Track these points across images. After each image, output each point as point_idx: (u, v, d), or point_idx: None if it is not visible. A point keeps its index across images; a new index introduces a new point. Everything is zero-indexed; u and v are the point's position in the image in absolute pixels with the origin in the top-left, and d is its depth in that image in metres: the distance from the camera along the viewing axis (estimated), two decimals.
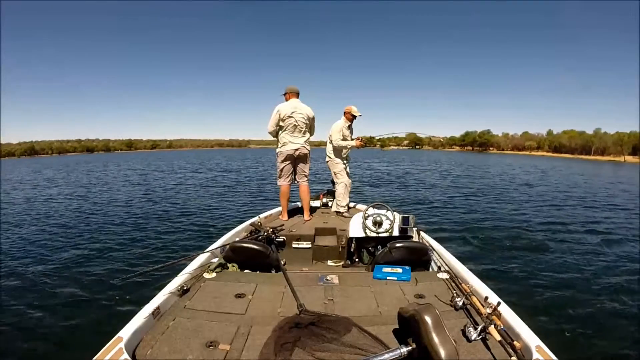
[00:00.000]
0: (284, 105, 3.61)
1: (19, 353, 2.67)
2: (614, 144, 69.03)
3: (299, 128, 3.63)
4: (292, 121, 3.58)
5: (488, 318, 1.47)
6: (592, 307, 3.39)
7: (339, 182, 4.06)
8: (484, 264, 4.50)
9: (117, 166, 30.19)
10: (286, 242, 3.10)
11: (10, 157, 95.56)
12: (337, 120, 4.10)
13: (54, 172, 25.15)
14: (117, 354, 1.24)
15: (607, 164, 45.30)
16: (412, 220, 2.93)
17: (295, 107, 3.60)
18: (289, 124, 3.59)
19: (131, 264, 4.55)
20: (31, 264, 4.61)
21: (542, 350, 1.31)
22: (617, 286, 3.87)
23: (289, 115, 3.57)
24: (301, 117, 3.61)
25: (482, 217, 7.62)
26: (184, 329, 1.51)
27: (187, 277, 2.02)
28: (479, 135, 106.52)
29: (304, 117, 3.62)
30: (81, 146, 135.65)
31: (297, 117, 3.58)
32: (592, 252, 5.15)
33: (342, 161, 4.13)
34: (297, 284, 1.98)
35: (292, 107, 3.59)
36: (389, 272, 2.18)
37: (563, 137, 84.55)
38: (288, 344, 1.37)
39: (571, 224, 7.06)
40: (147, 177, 19.14)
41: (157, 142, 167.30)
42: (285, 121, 3.59)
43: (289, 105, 3.61)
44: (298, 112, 3.60)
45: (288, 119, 3.57)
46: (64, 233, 6.40)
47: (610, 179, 20.16)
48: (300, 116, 3.60)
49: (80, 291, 3.71)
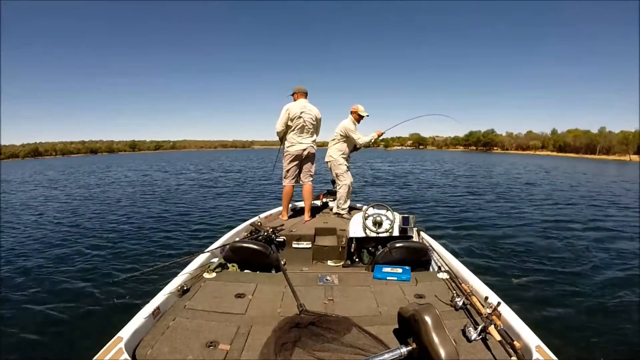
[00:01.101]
0: (293, 105, 3.60)
1: (19, 353, 2.68)
2: (619, 143, 68.43)
3: (307, 128, 3.63)
4: (301, 121, 3.57)
5: (488, 318, 1.46)
6: (593, 307, 3.37)
7: (342, 183, 3.96)
8: (484, 264, 4.48)
9: (119, 167, 30.36)
10: (286, 242, 3.10)
11: (14, 159, 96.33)
12: (343, 120, 4.00)
13: (56, 173, 25.35)
14: (117, 354, 1.25)
15: (612, 163, 44.92)
16: (412, 220, 2.93)
17: (304, 108, 3.60)
18: (297, 124, 3.58)
19: (131, 264, 4.56)
20: (31, 264, 4.63)
21: (542, 350, 1.30)
22: (618, 286, 3.84)
23: (298, 115, 3.56)
24: (309, 118, 3.60)
25: (482, 217, 7.58)
26: (184, 329, 1.52)
27: (187, 277, 2.03)
28: (483, 134, 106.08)
29: (312, 117, 3.62)
30: (85, 147, 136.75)
31: (305, 118, 3.58)
32: (593, 252, 5.10)
33: (344, 162, 4.03)
34: (297, 284, 1.98)
35: (301, 107, 3.59)
36: (389, 272, 2.17)
37: (568, 136, 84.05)
38: (288, 344, 1.37)
39: (572, 224, 7.00)
40: (147, 177, 19.24)
41: (160, 143, 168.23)
42: (294, 121, 3.58)
43: (298, 105, 3.60)
44: (307, 113, 3.59)
45: (297, 119, 3.56)
46: (63, 233, 6.44)
47: (613, 178, 19.98)
48: (309, 116, 3.60)
49: (80, 291, 3.72)
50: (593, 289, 3.76)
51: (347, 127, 3.93)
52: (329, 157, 4.07)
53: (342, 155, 4.01)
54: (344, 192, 3.94)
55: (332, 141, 4.09)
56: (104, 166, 33.02)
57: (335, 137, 4.05)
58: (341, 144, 4.02)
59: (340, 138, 4.01)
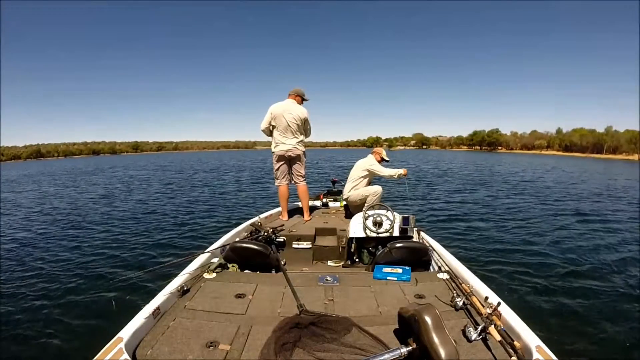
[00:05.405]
0: (276, 106, 3.63)
1: (19, 354, 2.69)
2: (627, 142, 67.72)
3: (291, 129, 3.63)
4: (284, 122, 3.58)
5: (488, 318, 1.46)
6: (593, 307, 3.35)
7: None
8: (484, 264, 4.46)
9: (120, 167, 30.55)
10: (286, 242, 3.10)
11: (17, 160, 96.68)
12: (364, 159, 4.02)
13: (59, 174, 25.54)
14: (117, 354, 1.25)
15: (620, 163, 44.48)
16: (412, 220, 2.92)
17: (287, 108, 3.61)
18: (279, 124, 3.61)
19: (131, 264, 4.59)
20: (31, 265, 4.66)
21: (542, 351, 1.30)
22: (618, 286, 3.82)
23: (281, 115, 3.58)
24: (292, 118, 3.59)
25: (482, 217, 7.54)
26: (184, 329, 1.52)
27: (187, 277, 2.03)
28: (487, 134, 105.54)
29: (294, 118, 3.60)
30: (87, 149, 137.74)
31: (287, 118, 3.58)
32: (594, 252, 5.07)
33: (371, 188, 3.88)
34: (297, 284, 1.98)
35: (283, 108, 3.61)
36: (389, 272, 2.17)
37: (574, 135, 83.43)
38: (288, 344, 1.37)
39: (574, 224, 6.94)
40: (148, 177, 19.35)
41: (163, 144, 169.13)
42: (277, 121, 3.61)
43: (281, 105, 3.63)
44: (289, 113, 3.59)
45: (280, 119, 3.59)
46: (63, 233, 6.48)
47: (618, 176, 19.81)
48: (291, 116, 3.59)
49: (80, 291, 3.74)
50: (593, 289, 3.74)
51: (371, 166, 3.94)
52: (364, 198, 3.85)
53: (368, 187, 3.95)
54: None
55: (357, 184, 3.95)
56: (106, 167, 33.26)
57: (358, 180, 3.95)
58: (365, 182, 3.99)
59: (364, 178, 3.98)
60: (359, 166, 4.04)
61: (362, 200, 3.87)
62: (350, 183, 4.02)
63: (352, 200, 3.97)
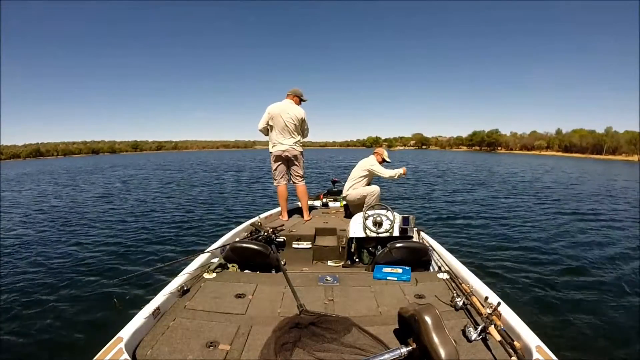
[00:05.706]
0: (273, 106, 3.64)
1: (19, 353, 2.69)
2: (626, 143, 67.79)
3: (288, 129, 3.63)
4: (281, 122, 3.59)
5: (488, 318, 1.46)
6: (593, 307, 3.36)
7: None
8: (484, 264, 4.47)
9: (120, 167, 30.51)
10: (286, 242, 3.10)
11: (16, 159, 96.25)
12: (365, 159, 4.05)
13: (58, 173, 25.50)
14: (117, 354, 1.25)
15: (619, 163, 44.51)
16: (412, 220, 2.92)
17: (285, 108, 3.61)
18: (277, 124, 3.62)
19: (131, 264, 4.58)
20: (31, 264, 4.66)
21: (542, 351, 1.30)
22: (619, 286, 3.83)
23: (278, 115, 3.59)
24: (289, 118, 3.60)
25: (482, 217, 7.55)
26: (184, 329, 1.52)
27: (187, 277, 2.03)
28: (487, 134, 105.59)
29: (292, 118, 3.61)
30: (86, 148, 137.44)
31: (285, 118, 3.58)
32: (594, 251, 5.08)
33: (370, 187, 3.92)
34: (297, 284, 1.98)
35: (281, 108, 3.61)
36: (389, 272, 2.17)
37: (573, 136, 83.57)
38: (288, 344, 1.36)
39: (574, 224, 6.96)
40: (147, 177, 19.33)
41: (162, 144, 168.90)
42: (274, 121, 3.62)
43: (278, 106, 3.63)
44: (286, 113, 3.59)
45: (277, 119, 3.60)
46: (63, 233, 6.46)
47: (617, 177, 19.84)
48: (288, 117, 3.59)
49: (80, 291, 3.74)
50: (594, 289, 3.75)
51: (372, 166, 3.96)
52: (362, 197, 3.87)
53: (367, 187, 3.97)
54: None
55: (355, 183, 3.98)
56: (106, 166, 33.22)
57: (358, 179, 3.99)
58: (365, 181, 4.02)
59: (364, 178, 4.01)
60: (360, 166, 4.06)
61: (360, 200, 3.88)
62: (350, 182, 4.04)
63: (350, 199, 3.99)
